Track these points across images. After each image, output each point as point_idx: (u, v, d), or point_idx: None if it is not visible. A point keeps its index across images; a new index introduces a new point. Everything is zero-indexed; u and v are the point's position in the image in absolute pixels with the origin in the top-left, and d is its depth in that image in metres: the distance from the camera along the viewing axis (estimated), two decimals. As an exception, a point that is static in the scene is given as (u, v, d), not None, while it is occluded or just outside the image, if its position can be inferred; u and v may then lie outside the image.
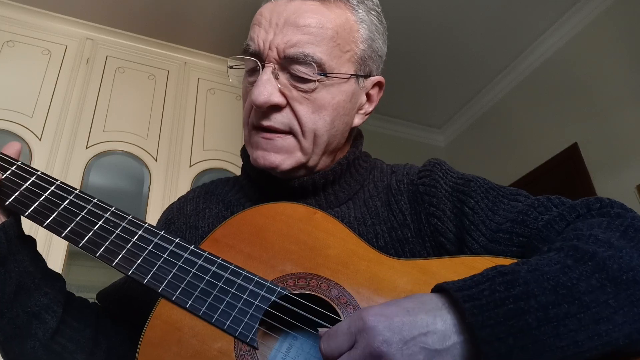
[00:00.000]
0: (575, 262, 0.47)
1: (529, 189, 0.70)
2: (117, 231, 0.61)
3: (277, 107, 0.67)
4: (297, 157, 0.68)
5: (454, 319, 0.44)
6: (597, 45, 2.78)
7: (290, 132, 0.68)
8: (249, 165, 0.74)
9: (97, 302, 0.80)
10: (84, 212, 0.62)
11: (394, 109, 3.65)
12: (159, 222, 0.84)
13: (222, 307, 0.56)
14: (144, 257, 0.60)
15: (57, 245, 2.22)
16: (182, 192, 1.05)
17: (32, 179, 0.64)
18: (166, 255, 0.60)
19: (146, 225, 0.62)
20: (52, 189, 0.63)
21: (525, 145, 3.17)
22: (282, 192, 0.71)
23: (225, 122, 2.91)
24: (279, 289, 0.57)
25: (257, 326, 0.55)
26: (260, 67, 0.67)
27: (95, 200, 0.64)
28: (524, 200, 0.64)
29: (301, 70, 0.66)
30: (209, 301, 0.57)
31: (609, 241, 0.49)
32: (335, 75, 0.67)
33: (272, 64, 0.66)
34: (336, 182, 0.73)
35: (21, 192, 0.62)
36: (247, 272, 0.59)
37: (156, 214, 2.34)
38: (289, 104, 0.67)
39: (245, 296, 0.57)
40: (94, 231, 0.61)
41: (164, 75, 2.93)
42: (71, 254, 2.27)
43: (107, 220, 0.62)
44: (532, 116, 3.16)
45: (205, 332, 0.55)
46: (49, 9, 2.76)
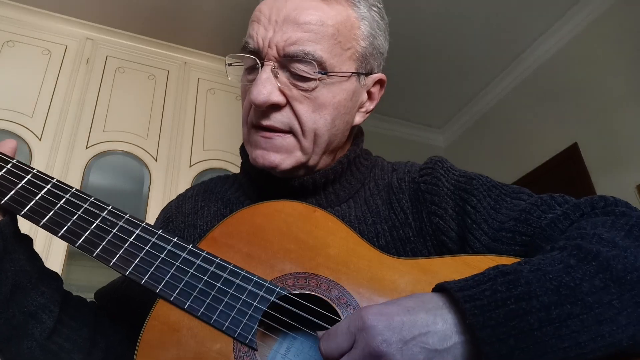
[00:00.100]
0: (578, 262, 0.46)
1: (529, 189, 0.69)
2: (114, 230, 0.60)
3: (276, 107, 0.66)
4: (297, 157, 0.67)
5: (454, 318, 0.44)
6: (597, 45, 2.77)
7: (290, 132, 0.67)
8: (248, 163, 0.72)
9: (94, 301, 0.79)
10: (80, 211, 0.61)
11: (394, 109, 3.65)
12: (158, 220, 0.83)
13: (220, 308, 0.55)
14: (142, 257, 0.59)
15: (57, 245, 2.21)
16: (182, 192, 1.04)
17: (28, 177, 0.63)
18: (164, 255, 0.59)
19: (143, 224, 0.62)
20: (48, 187, 0.62)
21: (525, 145, 3.17)
22: (281, 191, 0.70)
23: (225, 122, 2.90)
24: (278, 289, 0.56)
25: (256, 327, 0.54)
26: (259, 65, 0.66)
27: (91, 199, 0.63)
28: (527, 198, 0.63)
29: (301, 68, 0.64)
30: (208, 302, 0.56)
31: (614, 240, 0.48)
32: (336, 73, 0.66)
33: (271, 62, 0.65)
34: (337, 181, 0.72)
35: (17, 190, 0.61)
36: (246, 272, 0.58)
37: (156, 214, 2.31)
38: (288, 103, 0.66)
39: (244, 297, 0.56)
40: (91, 230, 0.60)
41: (164, 75, 2.93)
42: (71, 254, 2.27)
43: (104, 219, 0.61)
44: (532, 116, 3.16)
45: (204, 333, 0.54)
46: (49, 9, 2.77)
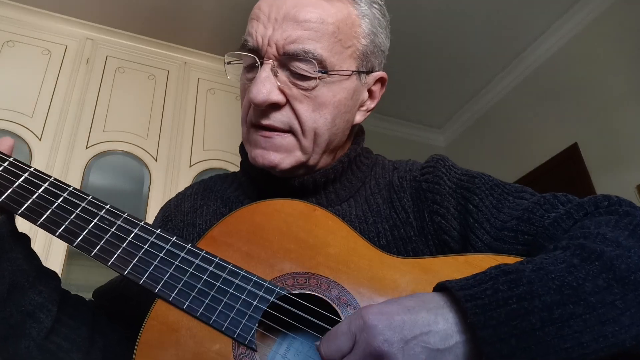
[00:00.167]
0: (581, 262, 0.46)
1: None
2: (113, 230, 0.60)
3: (276, 106, 0.65)
4: (297, 156, 0.67)
5: (455, 318, 0.43)
6: (597, 44, 2.77)
7: (289, 131, 0.66)
8: (248, 162, 0.72)
9: (93, 300, 0.79)
10: (78, 210, 0.61)
11: (394, 109, 3.65)
12: (156, 219, 0.82)
13: (219, 308, 0.55)
14: (140, 256, 0.58)
15: (57, 244, 2.21)
16: (182, 192, 1.04)
17: (25, 175, 0.62)
18: (162, 254, 0.59)
19: (142, 223, 0.61)
20: (46, 185, 0.62)
21: (525, 145, 3.16)
22: (281, 190, 0.70)
23: (225, 122, 2.90)
24: (277, 289, 0.56)
25: (255, 327, 0.54)
26: (258, 63, 0.65)
27: (89, 197, 0.62)
28: (529, 197, 0.63)
29: (301, 67, 0.64)
30: (207, 302, 0.55)
31: (617, 240, 0.48)
32: (336, 72, 0.65)
33: (271, 61, 0.64)
34: (337, 180, 0.72)
35: (14, 189, 0.60)
36: (246, 271, 0.57)
37: (156, 214, 2.32)
38: (288, 102, 0.65)
39: (243, 296, 0.56)
40: (89, 230, 0.59)
41: (164, 75, 2.92)
42: (71, 254, 2.27)
43: (102, 218, 0.61)
44: (532, 116, 3.16)
45: (203, 334, 0.54)
46: (49, 9, 2.76)
